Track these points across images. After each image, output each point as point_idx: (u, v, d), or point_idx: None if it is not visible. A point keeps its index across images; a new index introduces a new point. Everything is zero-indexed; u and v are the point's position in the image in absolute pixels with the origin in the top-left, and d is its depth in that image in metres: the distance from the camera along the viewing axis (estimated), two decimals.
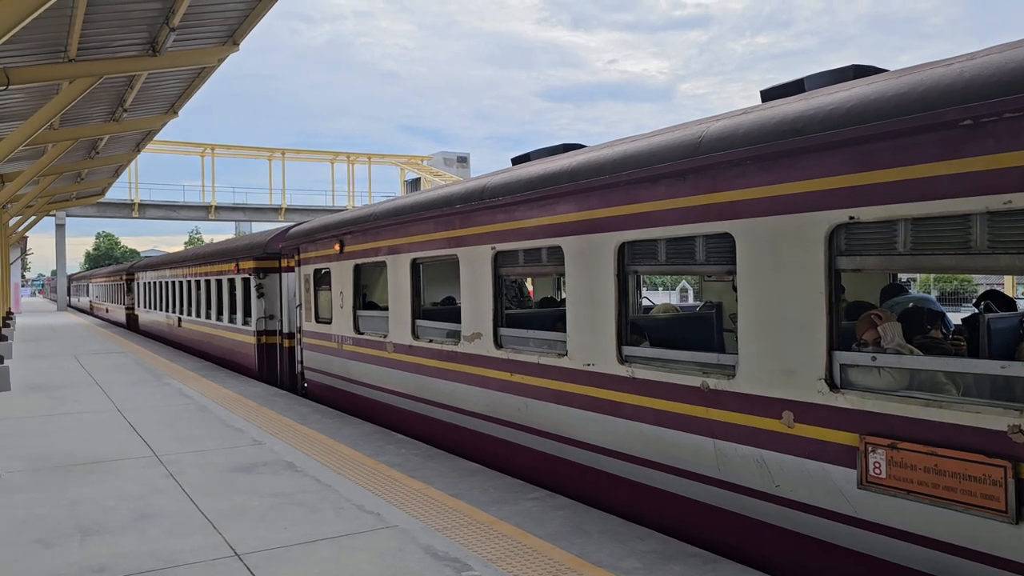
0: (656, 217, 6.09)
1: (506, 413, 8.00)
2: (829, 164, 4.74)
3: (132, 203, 59.95)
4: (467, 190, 8.64)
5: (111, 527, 6.24)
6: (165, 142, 58.96)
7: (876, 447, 4.47)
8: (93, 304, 53.14)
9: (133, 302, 35.71)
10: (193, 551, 5.64)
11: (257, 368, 16.62)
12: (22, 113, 19.06)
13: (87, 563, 5.42)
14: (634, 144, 6.44)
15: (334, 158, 70.36)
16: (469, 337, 8.56)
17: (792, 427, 4.97)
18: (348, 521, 6.30)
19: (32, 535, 6.06)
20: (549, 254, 7.62)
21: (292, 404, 12.46)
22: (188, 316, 23.42)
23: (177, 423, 10.84)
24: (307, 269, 13.74)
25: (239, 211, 66.67)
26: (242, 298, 17.58)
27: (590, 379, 6.78)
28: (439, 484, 7.36)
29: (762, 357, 5.20)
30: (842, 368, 4.76)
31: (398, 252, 10.19)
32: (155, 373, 16.96)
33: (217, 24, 15.08)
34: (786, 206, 5.00)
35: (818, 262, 4.80)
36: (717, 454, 5.54)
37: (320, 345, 13.15)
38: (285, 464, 8.28)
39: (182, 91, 20.14)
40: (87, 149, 26.69)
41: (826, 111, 4.72)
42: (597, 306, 6.70)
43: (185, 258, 24.40)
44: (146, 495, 7.16)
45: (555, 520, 6.21)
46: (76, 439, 9.80)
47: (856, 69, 5.61)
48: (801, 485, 4.95)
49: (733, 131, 5.35)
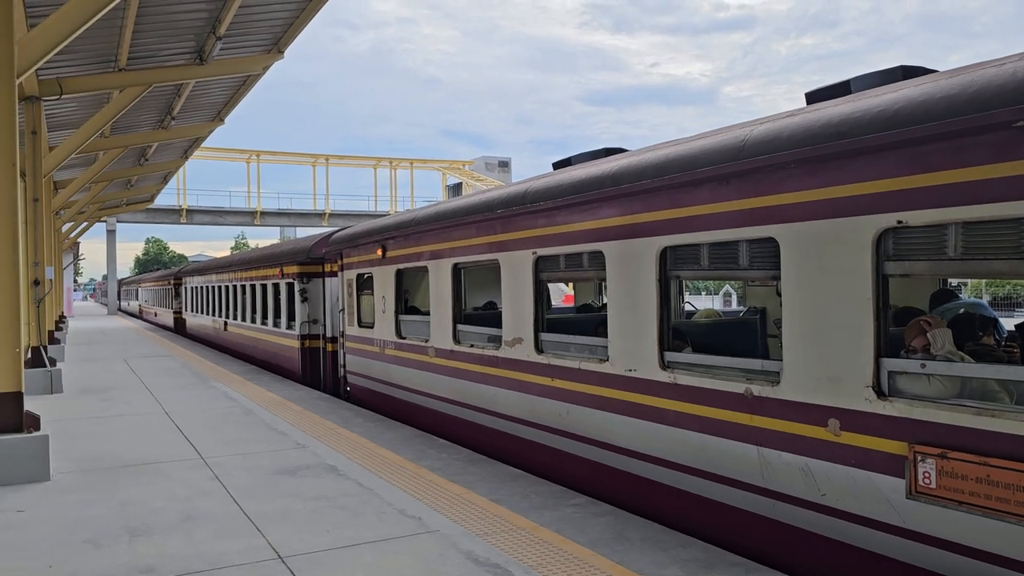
0: (699, 221, 6.02)
1: (547, 418, 7.98)
2: (877, 167, 4.64)
3: (180, 209, 61.21)
4: (508, 195, 8.65)
5: (159, 528, 6.36)
6: (212, 149, 60.09)
7: (926, 456, 4.36)
8: (142, 308, 54.37)
9: (181, 306, 36.44)
10: (238, 553, 5.72)
11: (301, 372, 16.83)
12: (74, 122, 19.63)
13: (135, 564, 5.53)
14: (677, 148, 6.38)
15: (377, 163, 71.03)
16: (510, 342, 8.56)
17: (838, 435, 4.87)
18: (389, 525, 6.33)
19: (83, 535, 6.20)
20: (590, 259, 7.59)
21: (335, 408, 12.59)
22: (234, 320, 23.82)
23: (223, 426, 11.03)
24: (350, 274, 13.88)
25: (284, 216, 67.67)
26: (286, 303, 17.83)
27: (632, 385, 6.74)
28: (480, 489, 7.37)
29: (807, 364, 5.10)
30: (890, 375, 4.65)
31: (440, 257, 10.24)
32: (202, 376, 17.27)
33: (262, 32, 15.36)
34: (832, 210, 4.91)
35: (865, 267, 4.70)
36: (761, 462, 5.45)
37: (363, 349, 13.27)
38: (328, 468, 8.36)
39: (228, 99, 20.55)
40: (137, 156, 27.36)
41: (873, 113, 4.63)
42: (639, 311, 6.65)
43: (231, 263, 24.84)
44: (192, 497, 7.29)
45: (596, 527, 6.17)
46: (125, 441, 10.02)
47: (904, 70, 5.49)
48: (848, 494, 4.85)
49: (778, 134, 5.27)
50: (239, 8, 13.41)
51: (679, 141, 6.65)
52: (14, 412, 8.04)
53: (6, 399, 8.01)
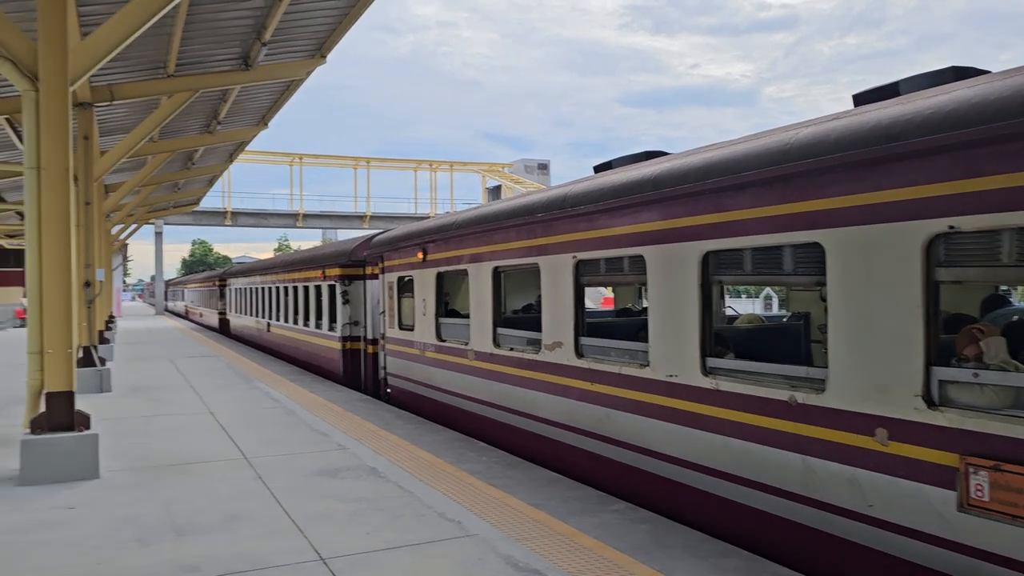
0: (742, 226, 5.95)
1: (586, 423, 7.94)
2: (928, 171, 4.54)
3: (225, 211, 62.29)
4: (549, 198, 8.63)
5: (203, 527, 6.46)
6: (256, 152, 61.06)
7: (978, 468, 4.24)
8: (188, 309, 55.40)
9: (225, 307, 37.04)
10: (280, 554, 5.78)
11: (342, 373, 17.00)
12: (125, 127, 20.09)
13: (180, 562, 5.63)
14: (719, 151, 6.31)
15: (417, 166, 71.50)
16: (550, 346, 8.54)
17: (886, 445, 4.77)
18: (429, 528, 6.35)
19: (130, 533, 6.33)
20: (631, 263, 7.54)
21: (375, 409, 12.68)
22: (276, 321, 24.15)
23: (265, 426, 11.18)
24: (390, 276, 13.98)
25: (325, 219, 68.47)
26: (328, 304, 18.03)
27: (673, 390, 6.67)
28: (519, 493, 7.36)
29: (854, 371, 5.00)
30: (941, 384, 4.54)
31: (480, 260, 10.26)
32: (245, 377, 17.54)
33: (306, 38, 15.55)
34: (881, 215, 4.81)
35: (915, 273, 4.59)
36: (805, 471, 5.36)
37: (403, 351, 13.35)
38: (368, 469, 8.42)
39: (272, 103, 20.85)
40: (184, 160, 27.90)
41: (925, 115, 4.52)
42: (680, 316, 6.59)
43: (274, 265, 25.19)
44: (236, 496, 7.39)
45: (636, 533, 6.12)
46: (171, 440, 10.22)
47: (956, 71, 5.35)
48: (896, 506, 4.74)
49: (824, 137, 5.18)
50: (284, 15, 13.59)
51: (722, 144, 6.57)
52: (66, 411, 8.24)
53: (59, 398, 8.22)
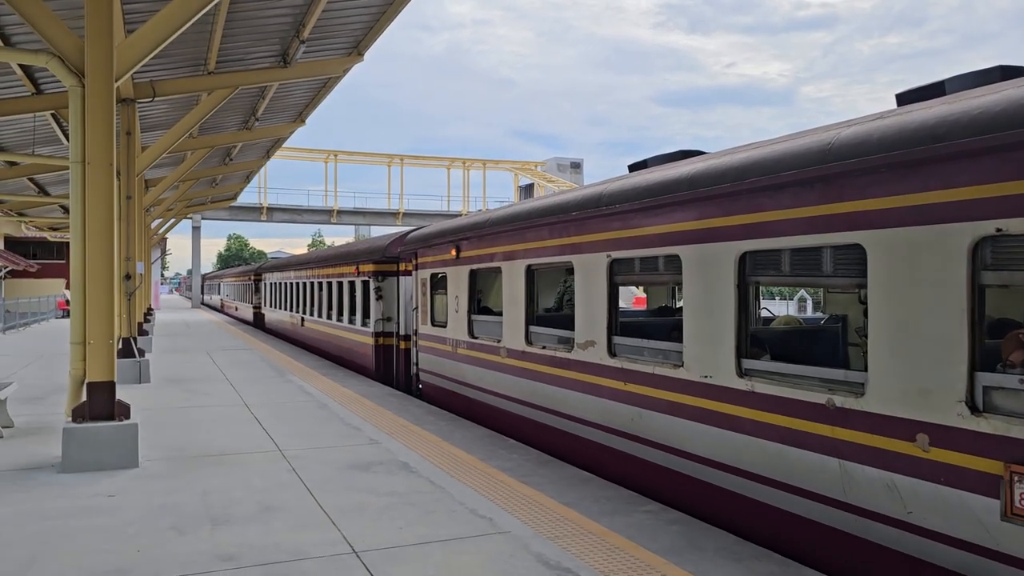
0: (780, 227, 5.88)
1: (618, 422, 7.91)
2: (974, 172, 4.44)
3: (261, 207, 63.03)
4: (583, 197, 8.61)
5: (238, 517, 6.55)
6: (292, 149, 61.67)
7: (1023, 477, 4.15)
8: (224, 302, 56.16)
9: (260, 301, 37.49)
10: (314, 546, 5.84)
11: (374, 368, 17.12)
12: (165, 123, 20.42)
13: (217, 552, 5.71)
14: (757, 151, 6.24)
15: (450, 164, 71.74)
16: (582, 344, 8.52)
17: (927, 451, 4.68)
18: (461, 524, 6.38)
19: (168, 522, 6.44)
20: (666, 263, 7.50)
21: (407, 405, 12.76)
22: (310, 316, 24.39)
23: (299, 419, 11.30)
24: (424, 273, 14.05)
25: (359, 215, 68.95)
26: (361, 300, 18.16)
27: (707, 391, 6.62)
28: (550, 491, 7.36)
29: (895, 376, 4.92)
30: (985, 390, 4.45)
31: (513, 258, 10.27)
32: (279, 370, 17.74)
33: (344, 36, 15.68)
34: (925, 216, 4.72)
35: (960, 276, 4.50)
36: (843, 475, 5.28)
37: (435, 348, 13.41)
38: (400, 464, 8.47)
39: (309, 100, 21.06)
40: (222, 156, 28.30)
41: (972, 115, 4.43)
42: (716, 317, 6.53)
43: (309, 260, 25.43)
44: (270, 488, 7.48)
45: (668, 534, 6.09)
46: (207, 431, 10.37)
47: (1003, 70, 5.24)
48: (936, 513, 4.65)
49: (867, 137, 5.10)
50: (322, 12, 13.73)
51: (760, 144, 6.50)
52: (107, 401, 8.41)
53: (100, 388, 8.39)
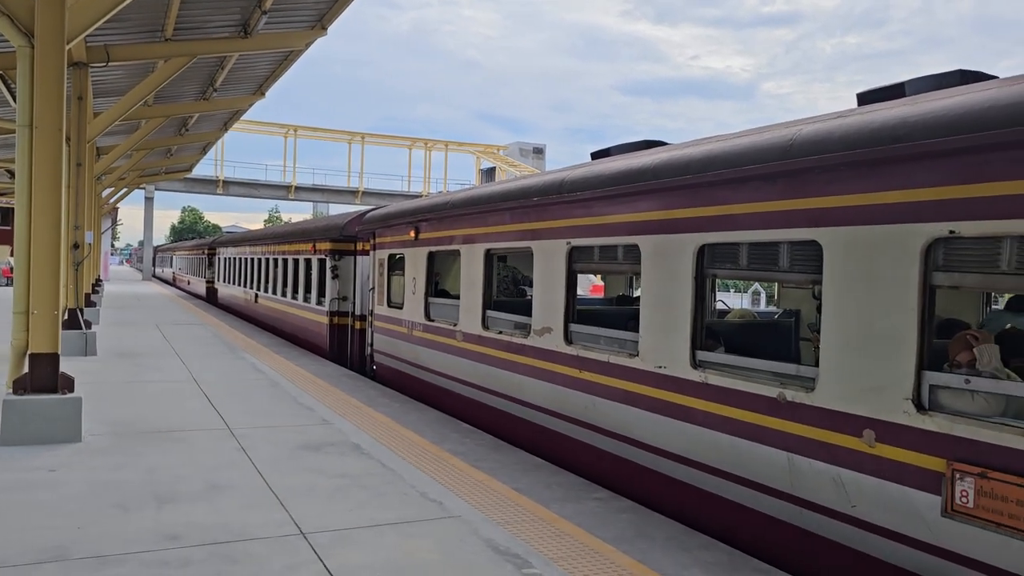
0: (740, 220, 5.92)
1: (572, 410, 7.93)
2: (931, 174, 4.51)
3: (217, 180, 61.83)
4: (545, 183, 8.58)
5: (185, 496, 6.42)
6: (250, 122, 60.47)
7: (964, 475, 4.25)
8: (176, 276, 55.10)
9: (213, 276, 36.85)
10: (262, 526, 5.76)
11: (328, 348, 16.95)
12: (119, 89, 19.83)
13: (162, 531, 5.59)
14: (720, 144, 6.27)
15: (412, 144, 71.11)
16: (539, 331, 8.51)
17: (873, 447, 4.77)
18: (412, 507, 6.34)
19: (111, 499, 6.28)
20: (626, 252, 7.51)
21: (360, 386, 12.65)
22: (265, 293, 24.03)
23: (250, 397, 11.13)
24: (381, 253, 13.91)
25: (318, 192, 68.05)
26: (317, 278, 17.94)
27: (661, 382, 6.66)
28: (502, 476, 7.36)
29: (845, 372, 5.00)
30: (932, 389, 4.54)
31: (472, 242, 10.21)
32: (231, 347, 17.46)
33: (308, 8, 15.36)
34: (881, 216, 4.79)
35: (912, 276, 4.58)
36: (791, 468, 5.36)
37: (391, 329, 13.31)
38: (352, 446, 8.40)
39: (270, 73, 20.62)
40: (178, 126, 27.63)
41: (931, 118, 4.49)
42: (672, 308, 6.57)
43: (265, 236, 25.02)
44: (219, 467, 7.35)
45: (619, 522, 6.13)
46: (155, 407, 10.15)
47: (962, 74, 5.33)
48: (880, 508, 4.75)
49: (828, 135, 5.15)
50: None
51: (723, 137, 6.53)
52: (50, 373, 8.17)
53: (43, 360, 8.14)
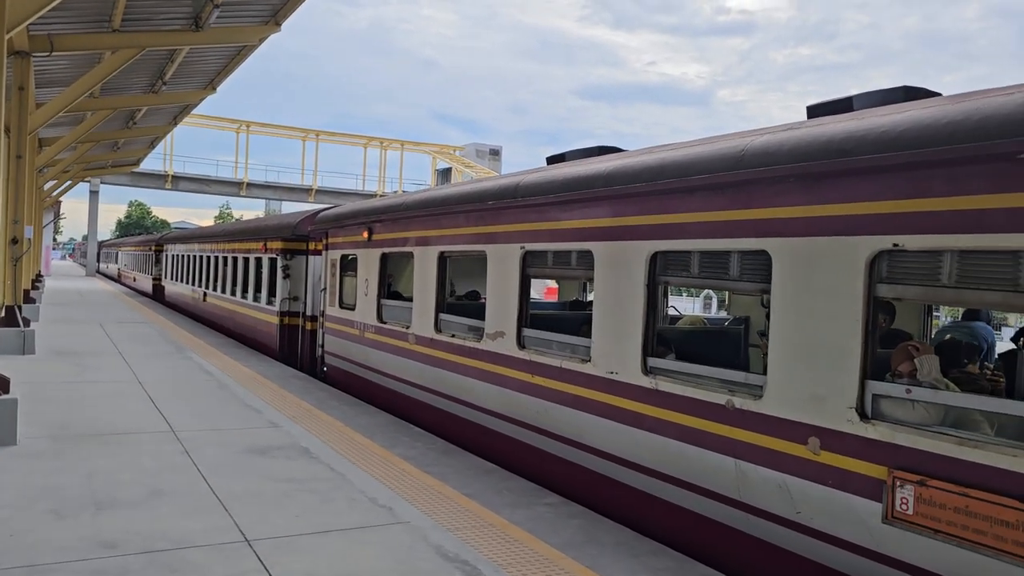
0: (692, 229, 5.98)
1: (524, 414, 7.93)
2: (876, 188, 4.61)
3: (166, 174, 60.54)
4: (500, 187, 8.56)
5: (125, 502, 6.25)
6: (201, 116, 59.33)
7: (905, 482, 4.35)
8: (121, 272, 53.76)
9: (161, 273, 36.06)
10: (204, 532, 5.63)
11: (278, 348, 16.69)
12: (64, 80, 19.28)
13: (99, 537, 5.43)
14: (673, 153, 6.33)
15: (367, 142, 70.55)
16: (492, 335, 8.49)
17: (818, 454, 4.85)
18: (360, 513, 6.26)
19: (47, 504, 6.08)
20: (579, 258, 7.53)
21: (310, 388, 12.48)
22: (213, 291, 23.59)
23: (196, 399, 10.90)
24: (334, 254, 13.75)
25: (270, 189, 67.09)
26: (268, 278, 17.66)
27: (612, 387, 6.69)
28: (453, 481, 7.31)
29: (792, 380, 5.08)
30: (874, 398, 4.63)
31: (426, 244, 10.15)
32: (177, 346, 17.09)
33: (261, 4, 15.13)
34: (828, 228, 4.87)
35: (857, 288, 4.67)
36: (738, 475, 5.43)
37: (342, 331, 13.16)
38: (300, 449, 8.27)
39: (222, 68, 20.28)
40: (125, 119, 26.98)
41: (877, 133, 4.58)
42: (624, 314, 6.60)
43: (215, 233, 24.56)
44: (161, 471, 7.18)
45: (568, 528, 6.14)
46: (96, 408, 9.87)
47: (907, 90, 5.46)
48: (823, 514, 4.83)
49: (778, 147, 5.22)
50: None
51: (676, 146, 6.59)
52: None
53: None
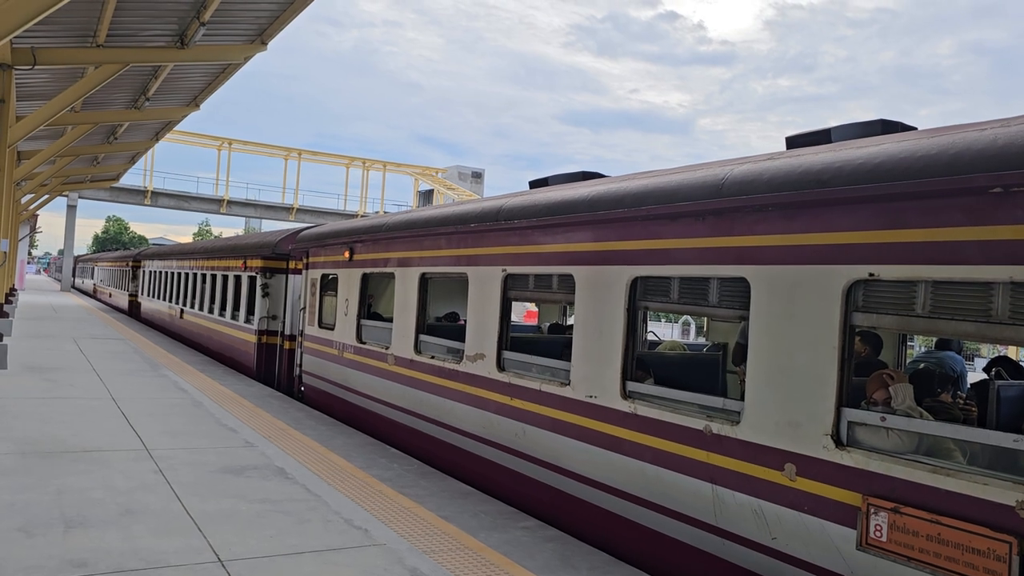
0: (672, 255, 6.04)
1: (502, 437, 7.91)
2: (853, 219, 4.69)
3: (145, 190, 60.16)
4: (483, 210, 8.60)
5: (96, 520, 6.15)
6: (183, 133, 59.15)
7: (879, 509, 4.39)
8: (97, 288, 53.17)
9: (137, 289, 35.72)
10: (176, 553, 5.55)
11: (255, 367, 16.55)
12: (45, 94, 19.16)
13: (68, 556, 5.34)
14: (655, 179, 6.40)
15: (349, 163, 70.60)
16: (472, 357, 8.49)
17: (794, 480, 4.89)
18: (335, 535, 6.21)
19: (15, 522, 5.97)
20: (560, 281, 7.57)
21: (287, 407, 12.38)
22: (191, 309, 23.39)
23: (170, 417, 10.77)
24: (314, 273, 13.71)
25: (251, 207, 66.87)
26: (246, 296, 17.55)
27: (591, 411, 6.71)
28: (429, 504, 7.28)
29: (768, 406, 5.12)
30: (850, 425, 4.68)
31: (408, 265, 10.15)
32: (152, 363, 16.90)
33: (247, 23, 15.18)
34: (806, 256, 4.95)
35: (834, 316, 4.74)
36: (715, 500, 5.45)
37: (321, 350, 13.09)
38: (276, 470, 8.19)
39: (206, 85, 20.26)
40: (106, 134, 26.82)
41: (854, 165, 4.68)
42: (604, 338, 6.64)
43: (193, 250, 24.40)
44: (133, 490, 7.08)
45: (544, 552, 6.12)
46: (68, 425, 9.73)
47: (884, 124, 5.58)
48: (798, 540, 4.86)
49: (757, 176, 5.31)
50: None
51: (658, 172, 6.67)
52: None
53: None
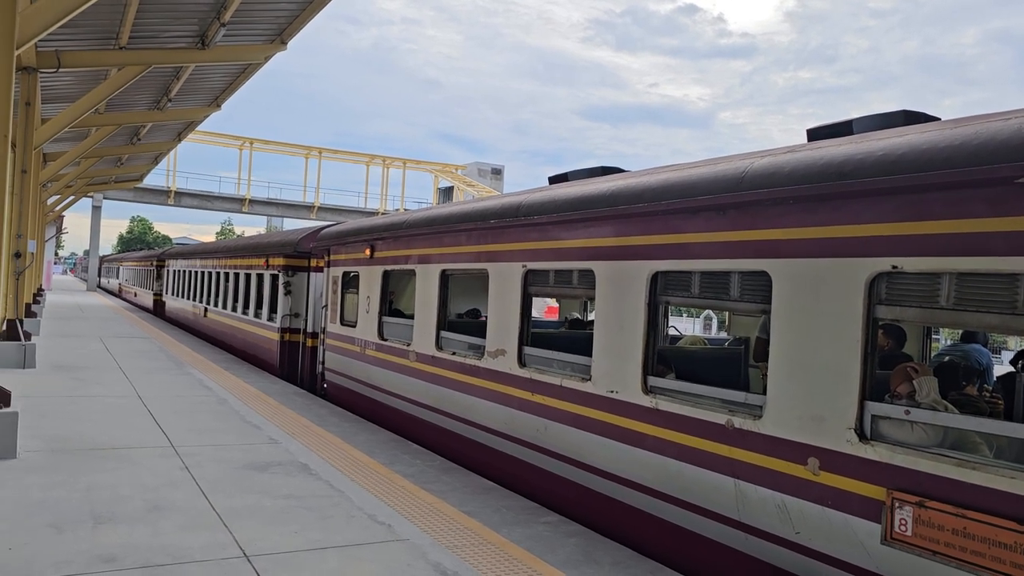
0: (693, 249, 6.02)
1: (524, 432, 7.93)
2: (875, 211, 4.65)
3: (168, 190, 60.75)
4: (502, 206, 8.62)
5: (124, 516, 6.25)
6: (205, 133, 59.61)
7: (903, 503, 4.36)
8: (122, 287, 53.81)
9: (162, 288, 36.10)
10: (203, 548, 5.63)
11: (279, 365, 16.69)
12: (70, 96, 19.43)
13: (97, 552, 5.43)
14: (675, 174, 6.38)
15: (370, 160, 70.84)
16: (493, 353, 8.51)
17: (817, 475, 4.87)
18: (358, 530, 6.26)
19: (45, 518, 6.08)
20: (580, 277, 7.57)
21: (310, 404, 12.48)
22: (214, 307, 23.61)
23: (196, 414, 10.90)
24: (336, 271, 13.80)
25: (272, 206, 67.32)
26: (269, 294, 17.69)
27: (612, 406, 6.71)
28: (452, 499, 7.31)
29: (791, 400, 5.10)
30: (873, 419, 4.65)
31: (428, 262, 10.19)
32: (177, 362, 17.09)
33: (267, 22, 15.28)
34: (828, 249, 4.91)
35: (856, 309, 4.70)
36: (737, 495, 5.43)
37: (343, 348, 13.18)
38: (300, 466, 8.27)
39: (227, 85, 20.43)
40: (129, 135, 27.15)
41: (876, 156, 4.64)
42: (625, 333, 6.63)
43: (216, 249, 24.63)
44: (160, 486, 7.18)
45: (567, 547, 6.13)
46: (96, 423, 9.87)
47: (906, 115, 5.52)
48: (822, 535, 4.84)
49: (778, 169, 5.28)
50: None
51: (678, 167, 6.64)
52: None
53: None
